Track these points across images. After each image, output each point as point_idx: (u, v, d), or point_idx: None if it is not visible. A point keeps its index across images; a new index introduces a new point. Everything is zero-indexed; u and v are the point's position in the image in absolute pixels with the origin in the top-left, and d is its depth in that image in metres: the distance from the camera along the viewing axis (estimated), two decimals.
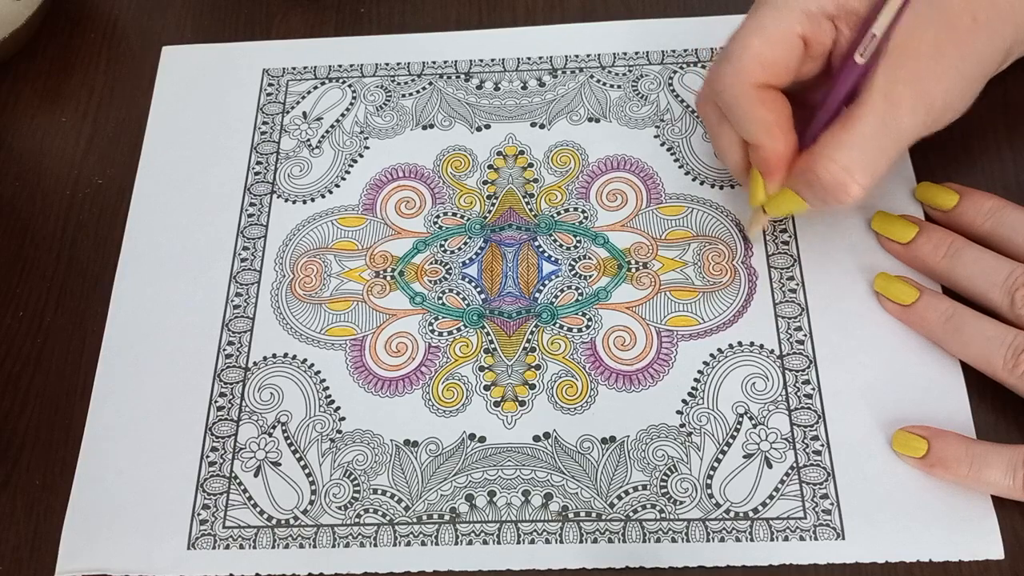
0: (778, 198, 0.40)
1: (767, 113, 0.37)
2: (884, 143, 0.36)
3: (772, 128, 0.38)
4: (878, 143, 0.36)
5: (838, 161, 0.36)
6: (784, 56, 0.37)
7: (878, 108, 0.36)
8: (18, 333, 0.45)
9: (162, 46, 0.52)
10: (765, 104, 0.37)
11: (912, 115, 0.36)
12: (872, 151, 0.36)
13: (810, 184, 0.37)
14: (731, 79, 0.37)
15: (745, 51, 0.37)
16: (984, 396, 0.40)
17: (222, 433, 0.42)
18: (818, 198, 0.38)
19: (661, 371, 0.41)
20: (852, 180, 0.36)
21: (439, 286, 0.44)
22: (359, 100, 0.49)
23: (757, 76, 0.37)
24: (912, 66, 0.36)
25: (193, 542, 0.39)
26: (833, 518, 0.38)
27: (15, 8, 0.50)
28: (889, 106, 0.36)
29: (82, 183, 0.48)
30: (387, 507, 0.40)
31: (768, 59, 0.37)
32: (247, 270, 0.45)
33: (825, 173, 0.36)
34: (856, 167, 0.36)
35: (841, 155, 0.36)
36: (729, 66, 0.37)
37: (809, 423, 0.40)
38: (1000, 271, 0.39)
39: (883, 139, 0.36)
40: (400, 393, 0.42)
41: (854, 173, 0.36)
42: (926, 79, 0.36)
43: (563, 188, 0.46)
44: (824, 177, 0.37)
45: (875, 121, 0.36)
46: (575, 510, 0.39)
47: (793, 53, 0.37)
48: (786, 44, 0.37)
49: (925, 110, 0.37)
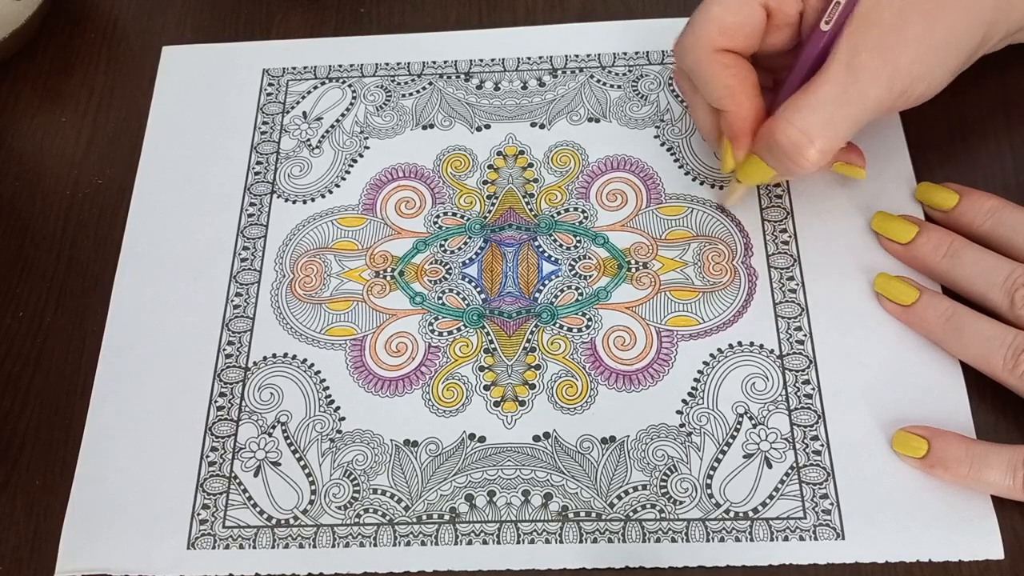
0: (746, 165, 0.41)
1: (729, 77, 0.38)
2: (845, 110, 0.37)
3: (735, 92, 0.39)
4: (838, 109, 0.37)
5: (796, 124, 0.37)
6: (744, 22, 0.38)
7: (839, 75, 0.37)
8: (18, 333, 0.45)
9: (162, 46, 0.52)
10: (727, 68, 0.38)
11: (874, 84, 0.37)
12: (831, 116, 0.37)
13: (770, 148, 0.38)
14: (692, 45, 0.39)
15: (706, 18, 0.38)
16: (984, 396, 0.40)
17: (222, 433, 0.42)
18: (779, 162, 0.39)
19: (661, 371, 0.41)
20: (809, 143, 0.37)
21: (439, 286, 0.44)
22: (359, 100, 0.49)
23: (717, 41, 0.38)
24: (876, 34, 0.37)
25: (193, 542, 0.39)
26: (833, 518, 0.38)
27: (15, 8, 0.50)
28: (851, 73, 0.37)
29: (82, 183, 0.48)
30: (387, 507, 0.40)
31: (728, 25, 0.38)
32: (247, 270, 0.45)
33: (783, 136, 0.37)
34: (814, 130, 0.37)
35: (799, 118, 0.37)
36: (691, 33, 0.39)
37: (809, 423, 0.40)
38: (1000, 271, 0.39)
39: (844, 106, 0.37)
40: (400, 393, 0.42)
41: (812, 136, 0.37)
42: (890, 48, 0.37)
43: (563, 188, 0.46)
44: (782, 140, 0.37)
45: (836, 87, 0.37)
46: (575, 510, 0.39)
47: (754, 20, 0.38)
48: (746, 11, 0.38)
49: (888, 79, 0.37)
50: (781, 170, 0.39)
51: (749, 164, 0.41)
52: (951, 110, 0.46)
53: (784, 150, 0.38)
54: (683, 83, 0.42)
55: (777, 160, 0.39)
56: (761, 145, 0.39)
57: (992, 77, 0.47)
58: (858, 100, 0.37)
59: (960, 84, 0.47)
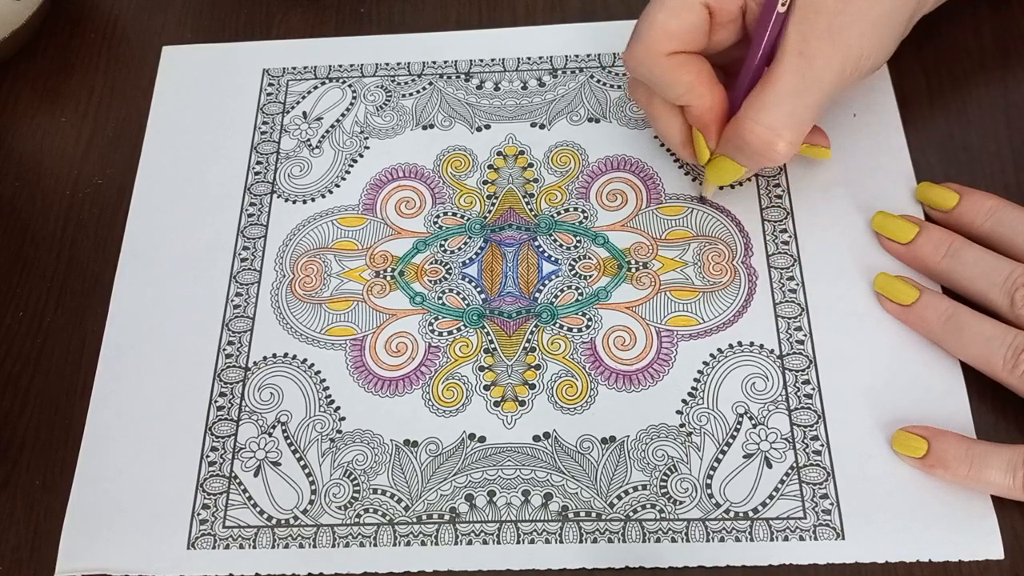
0: (716, 166, 0.41)
1: (685, 75, 0.39)
2: (805, 98, 0.38)
3: (695, 86, 0.39)
4: (799, 99, 0.38)
5: (762, 122, 0.38)
6: (688, 24, 0.39)
7: (794, 64, 0.37)
8: (18, 333, 0.45)
9: (162, 46, 0.52)
10: (682, 67, 0.39)
11: (828, 67, 0.38)
12: (794, 107, 0.38)
13: (740, 148, 0.39)
14: (642, 55, 0.39)
15: (650, 26, 0.39)
16: (984, 396, 0.40)
17: (222, 433, 0.42)
18: (750, 160, 0.40)
19: (661, 371, 0.41)
20: (778, 138, 0.38)
21: (439, 286, 0.44)
22: (359, 100, 0.49)
23: (665, 46, 0.39)
24: (822, 20, 0.37)
25: (193, 542, 0.39)
26: (833, 518, 0.38)
27: (15, 8, 0.50)
28: (805, 61, 0.37)
29: (82, 183, 0.48)
30: (387, 507, 0.40)
31: (673, 29, 0.39)
32: (247, 270, 0.45)
33: (751, 135, 0.38)
34: (780, 125, 0.38)
35: (764, 115, 0.38)
36: (639, 43, 0.39)
37: (809, 423, 0.40)
38: (1000, 271, 0.39)
39: (803, 94, 0.38)
40: (400, 393, 0.42)
41: (779, 131, 0.38)
42: (838, 31, 0.37)
43: (563, 188, 0.46)
44: (751, 139, 0.38)
45: (793, 78, 0.37)
46: (575, 510, 0.39)
47: (697, 20, 0.39)
48: (689, 12, 0.39)
49: (841, 60, 0.38)
50: (752, 166, 0.40)
51: (717, 164, 0.41)
52: (951, 110, 0.46)
53: (754, 148, 0.38)
54: (638, 92, 0.43)
55: (748, 158, 0.39)
56: (729, 145, 0.40)
57: (992, 77, 0.47)
58: (816, 87, 0.38)
59: (960, 84, 0.47)
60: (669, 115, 0.42)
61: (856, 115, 0.46)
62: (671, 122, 0.42)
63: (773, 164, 0.39)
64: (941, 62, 0.47)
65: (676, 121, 0.42)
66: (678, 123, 0.42)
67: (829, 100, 0.39)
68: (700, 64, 0.40)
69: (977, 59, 0.47)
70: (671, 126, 0.42)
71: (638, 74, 0.40)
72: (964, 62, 0.47)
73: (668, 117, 0.42)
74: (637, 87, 0.42)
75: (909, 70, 0.47)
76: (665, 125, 0.42)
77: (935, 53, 0.48)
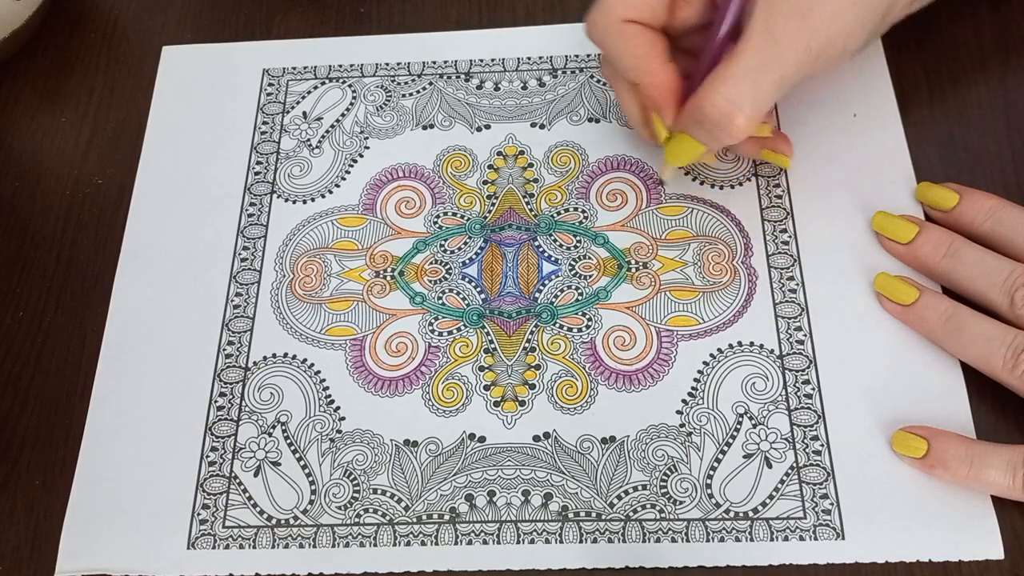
0: (675, 145, 0.41)
1: (637, 47, 0.39)
2: (768, 76, 0.37)
3: (645, 60, 0.39)
4: (762, 76, 0.37)
5: (722, 94, 0.37)
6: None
7: (759, 42, 0.37)
8: (18, 333, 0.45)
9: (162, 46, 0.52)
10: (635, 38, 0.39)
11: (794, 48, 0.37)
12: (756, 84, 0.37)
13: (699, 121, 0.39)
14: (600, 19, 0.39)
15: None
16: (984, 396, 0.40)
17: (222, 433, 0.42)
18: (709, 135, 0.39)
19: (661, 371, 0.41)
20: (738, 111, 0.37)
21: (439, 286, 0.44)
22: (359, 100, 0.49)
23: (621, 12, 0.39)
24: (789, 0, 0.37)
25: (193, 542, 0.39)
26: (833, 518, 0.38)
27: (15, 8, 0.50)
28: (770, 39, 0.37)
29: (82, 183, 0.48)
30: (387, 507, 0.40)
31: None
32: (247, 270, 0.45)
33: (711, 107, 0.38)
34: (741, 99, 0.37)
35: (725, 88, 0.37)
36: (598, 8, 0.39)
37: (809, 423, 0.40)
38: (1000, 271, 0.39)
39: (767, 72, 0.37)
40: (400, 393, 0.42)
41: (739, 105, 0.37)
42: (806, 10, 0.37)
43: (563, 188, 0.46)
44: (710, 111, 0.38)
45: (757, 55, 0.37)
46: (575, 510, 0.39)
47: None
48: None
49: (807, 41, 0.37)
50: (711, 142, 0.40)
51: (676, 143, 0.41)
52: (951, 110, 0.46)
53: (713, 121, 0.38)
54: (606, 69, 0.43)
55: (707, 132, 0.39)
56: (689, 120, 0.39)
57: (992, 77, 0.47)
58: (779, 65, 0.37)
59: (960, 84, 0.47)
60: (628, 93, 0.42)
61: (856, 115, 0.46)
62: (629, 100, 0.42)
63: (731, 141, 0.39)
64: (941, 62, 0.47)
65: (634, 100, 0.42)
66: (636, 102, 0.42)
67: (793, 81, 0.38)
68: (654, 38, 0.40)
69: (977, 59, 0.47)
70: (629, 104, 0.42)
71: (595, 40, 0.40)
72: (964, 62, 0.47)
73: (627, 95, 0.42)
74: (606, 64, 0.43)
75: (909, 70, 0.47)
76: (625, 103, 0.42)
77: (935, 53, 0.48)
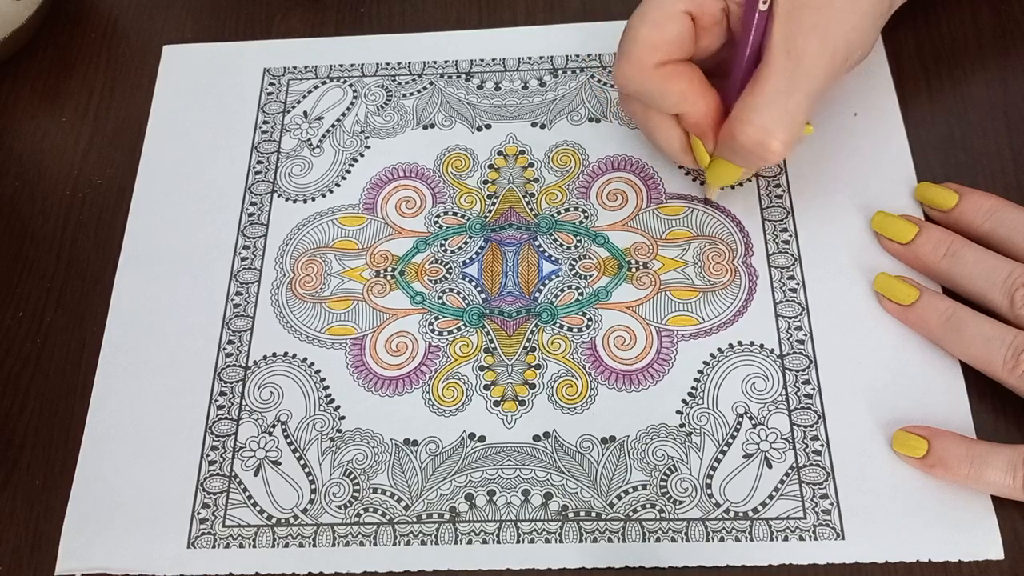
0: (716, 168, 0.41)
1: (677, 84, 0.39)
2: (796, 96, 0.37)
3: (689, 94, 0.39)
4: (790, 97, 0.37)
5: (755, 123, 0.38)
6: (673, 34, 0.39)
7: (782, 64, 0.37)
8: (18, 333, 0.45)
9: (162, 46, 0.52)
10: (673, 78, 0.39)
11: (817, 64, 0.37)
12: (785, 106, 0.38)
13: (735, 151, 0.39)
14: (631, 71, 0.39)
15: (635, 41, 0.39)
16: (984, 396, 0.40)
17: (222, 432, 0.42)
18: (746, 161, 0.40)
19: (661, 371, 0.41)
20: (772, 138, 0.38)
21: (439, 285, 0.44)
22: (360, 100, 0.49)
23: (653, 58, 0.39)
24: (806, 16, 0.37)
25: (193, 541, 0.39)
26: (833, 518, 0.38)
27: (15, 8, 0.50)
28: (793, 59, 0.37)
29: (82, 183, 0.48)
30: (387, 506, 0.40)
31: (658, 41, 0.38)
32: (247, 269, 0.45)
33: (745, 137, 0.38)
34: (774, 125, 0.38)
35: (756, 116, 0.38)
36: (626, 61, 0.39)
37: (809, 423, 0.40)
38: (1000, 271, 0.39)
39: (794, 93, 0.37)
40: (400, 392, 0.42)
41: (773, 131, 0.38)
42: (823, 26, 0.37)
43: (563, 188, 0.46)
44: (744, 141, 0.38)
45: (782, 77, 0.37)
46: (575, 510, 0.39)
47: (682, 30, 0.39)
48: (672, 23, 0.39)
49: (829, 56, 0.38)
50: (750, 167, 0.41)
51: (716, 167, 0.41)
52: (951, 110, 0.46)
53: (748, 149, 0.38)
54: (631, 106, 0.42)
55: (744, 159, 0.39)
56: (725, 148, 0.40)
57: (992, 77, 0.47)
58: (805, 84, 0.37)
59: (960, 84, 0.47)
60: (666, 125, 0.41)
61: (856, 115, 0.46)
62: (669, 132, 0.41)
63: (770, 164, 0.39)
64: (941, 62, 0.47)
65: (674, 131, 0.41)
66: (676, 132, 0.41)
67: (821, 95, 0.39)
68: (691, 71, 0.40)
69: (977, 59, 0.47)
70: (670, 136, 0.42)
71: (630, 90, 0.40)
72: (964, 62, 0.47)
73: (665, 128, 0.41)
74: (630, 101, 0.42)
75: (909, 70, 0.47)
76: (664, 136, 0.42)
77: (935, 53, 0.48)
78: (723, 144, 0.40)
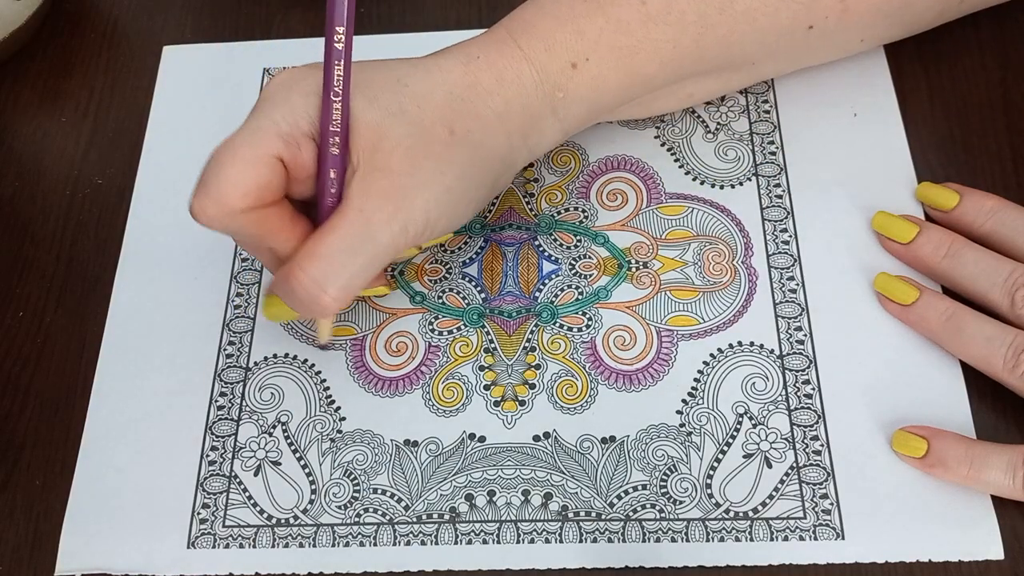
0: (272, 304, 0.40)
1: (263, 226, 0.37)
2: (359, 257, 0.36)
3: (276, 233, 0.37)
4: (352, 256, 0.36)
5: (309, 273, 0.36)
6: (263, 180, 0.36)
7: (352, 221, 0.36)
8: (18, 333, 0.45)
9: (162, 46, 0.52)
10: (259, 221, 0.36)
11: (388, 229, 0.36)
12: (345, 264, 0.36)
13: (286, 293, 0.37)
14: (213, 210, 0.36)
15: (221, 182, 0.35)
16: (984, 396, 0.40)
17: (222, 432, 0.42)
18: (297, 307, 0.37)
19: (661, 371, 0.41)
20: (323, 293, 0.36)
21: (439, 285, 0.44)
22: None
23: (239, 204, 0.35)
24: (386, 180, 0.36)
25: (193, 541, 0.39)
26: (833, 518, 0.38)
27: (15, 8, 0.50)
28: (364, 220, 0.36)
29: (82, 183, 0.48)
30: (387, 507, 0.40)
31: (248, 188, 0.35)
32: (248, 270, 0.45)
33: (297, 284, 0.36)
34: (327, 280, 0.36)
35: (312, 267, 0.36)
36: (207, 197, 0.35)
37: (809, 423, 0.40)
38: (1000, 271, 0.39)
39: (357, 253, 0.36)
40: (400, 393, 0.42)
41: (325, 286, 0.36)
42: (402, 193, 0.36)
43: (563, 188, 0.46)
44: (296, 288, 0.36)
45: (349, 234, 0.36)
46: (575, 510, 0.39)
47: (272, 175, 0.36)
48: (263, 168, 0.35)
49: (403, 224, 0.36)
50: (304, 313, 0.38)
51: (274, 303, 0.39)
52: (951, 110, 0.46)
53: (299, 296, 0.36)
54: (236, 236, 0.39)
55: (294, 304, 0.37)
56: (279, 288, 0.37)
57: (992, 77, 0.47)
58: (371, 246, 0.36)
59: (960, 84, 0.47)
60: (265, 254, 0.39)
61: (856, 114, 0.46)
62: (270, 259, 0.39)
63: (322, 316, 0.37)
64: (941, 62, 0.47)
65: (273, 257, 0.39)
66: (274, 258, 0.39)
67: (388, 259, 0.37)
68: (279, 211, 0.37)
69: (977, 59, 0.47)
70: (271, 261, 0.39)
71: (210, 227, 0.36)
72: (964, 62, 0.47)
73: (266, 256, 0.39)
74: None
75: (909, 70, 0.47)
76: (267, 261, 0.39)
77: (935, 53, 0.48)
78: (277, 283, 0.37)
